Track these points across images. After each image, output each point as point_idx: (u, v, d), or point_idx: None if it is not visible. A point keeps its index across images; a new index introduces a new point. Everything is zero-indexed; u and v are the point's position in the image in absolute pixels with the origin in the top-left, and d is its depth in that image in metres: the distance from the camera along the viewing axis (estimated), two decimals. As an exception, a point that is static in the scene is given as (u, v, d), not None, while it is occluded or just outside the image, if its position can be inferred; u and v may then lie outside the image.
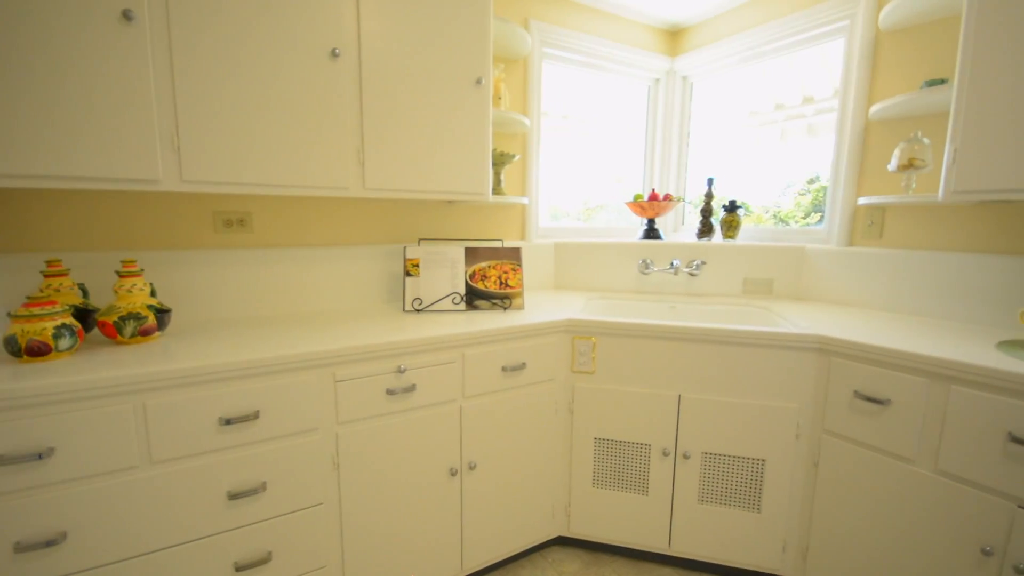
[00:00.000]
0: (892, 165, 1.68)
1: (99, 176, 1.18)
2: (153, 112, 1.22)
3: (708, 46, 2.48)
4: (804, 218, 2.37)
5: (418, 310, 1.75)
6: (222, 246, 1.65)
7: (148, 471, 1.08)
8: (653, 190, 2.43)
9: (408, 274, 1.77)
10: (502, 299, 1.82)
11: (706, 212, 2.38)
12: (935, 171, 1.66)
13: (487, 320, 1.61)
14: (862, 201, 1.77)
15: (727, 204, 2.30)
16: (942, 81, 1.57)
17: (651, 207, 2.36)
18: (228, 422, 1.14)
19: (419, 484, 1.45)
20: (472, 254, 1.84)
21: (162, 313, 1.30)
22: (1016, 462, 1.11)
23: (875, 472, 1.36)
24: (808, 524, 1.55)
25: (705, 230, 2.38)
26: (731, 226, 2.29)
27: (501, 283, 1.83)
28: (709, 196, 2.37)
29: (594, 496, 1.75)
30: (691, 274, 2.21)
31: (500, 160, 1.96)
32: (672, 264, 2.13)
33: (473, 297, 1.80)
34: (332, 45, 1.42)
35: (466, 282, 1.80)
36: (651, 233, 2.42)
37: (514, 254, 1.87)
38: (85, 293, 1.35)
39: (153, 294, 1.33)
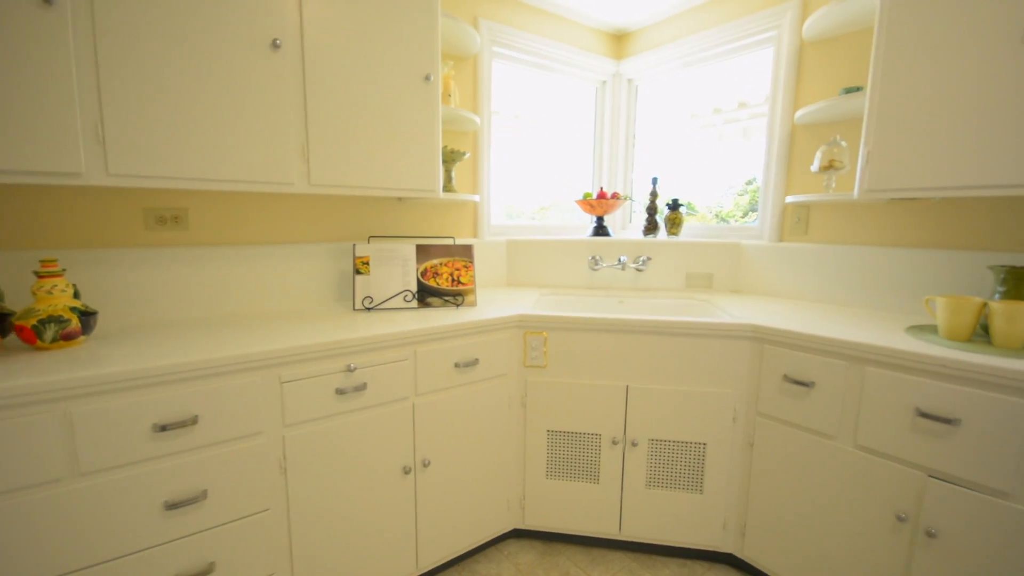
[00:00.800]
0: (815, 166, 1.82)
1: (13, 169, 1.09)
2: (75, 101, 1.14)
3: (651, 51, 2.59)
4: (743, 217, 2.52)
5: (369, 308, 1.72)
6: (155, 244, 1.56)
7: (74, 483, 1.01)
8: (601, 189, 2.50)
9: (358, 272, 1.74)
10: (454, 296, 1.82)
11: (651, 210, 2.48)
12: (852, 172, 1.82)
13: (439, 317, 1.61)
14: (789, 199, 1.90)
15: (670, 202, 2.41)
16: (858, 89, 1.71)
17: (599, 205, 2.43)
18: (163, 428, 1.08)
19: (372, 484, 1.44)
20: (424, 251, 1.83)
21: (87, 316, 1.22)
22: (924, 435, 1.23)
23: (802, 449, 1.48)
24: (745, 501, 1.66)
25: (651, 227, 2.47)
26: (674, 223, 2.39)
27: (453, 280, 1.83)
28: (654, 195, 2.47)
29: (548, 487, 1.79)
30: (638, 269, 2.29)
31: (451, 157, 1.97)
32: (620, 260, 2.20)
33: (425, 294, 1.79)
34: (273, 35, 1.38)
35: (418, 280, 1.80)
36: (600, 230, 2.50)
37: (466, 251, 1.88)
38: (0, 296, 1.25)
39: (77, 296, 1.24)
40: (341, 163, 1.55)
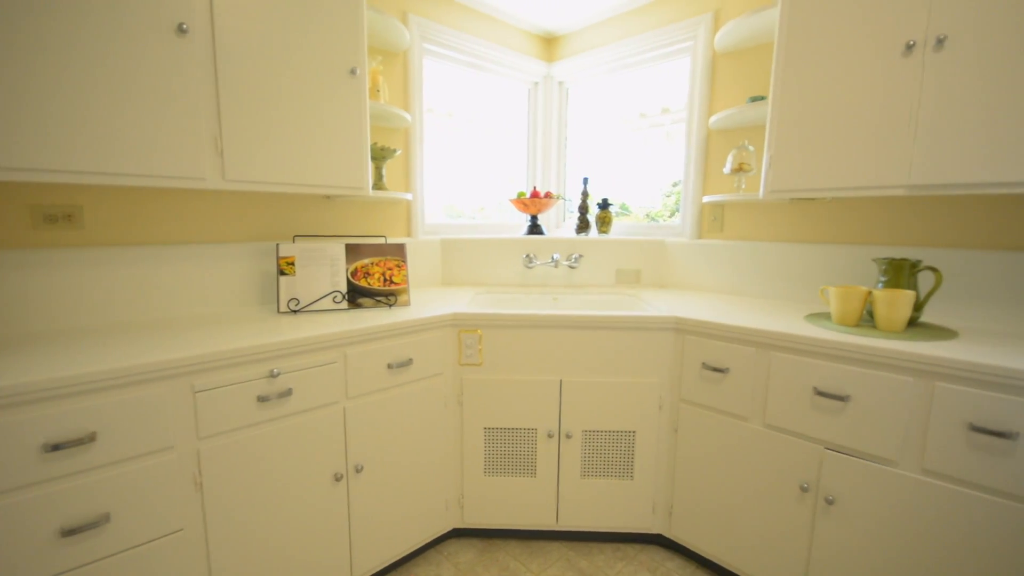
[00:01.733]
0: (727, 168, 1.96)
1: None
2: (-68, 81, 1.00)
3: (580, 55, 2.67)
4: (670, 217, 2.65)
5: (295, 311, 1.64)
6: (44, 245, 1.40)
7: (-61, 517, 0.89)
8: (535, 188, 2.55)
9: (282, 273, 1.65)
10: (387, 296, 1.78)
11: (583, 209, 2.56)
12: (758, 174, 1.97)
13: (371, 317, 1.57)
14: (706, 199, 2.04)
15: (601, 202, 2.50)
16: (762, 98, 1.86)
17: (533, 204, 2.47)
18: (56, 448, 0.98)
19: (300, 494, 1.37)
20: (354, 251, 1.78)
21: (-44, 326, 1.07)
22: (821, 411, 1.37)
23: (720, 431, 1.59)
24: (671, 484, 1.75)
25: (582, 226, 2.55)
26: (605, 222, 2.49)
27: (385, 280, 1.79)
28: (585, 195, 2.55)
29: (486, 484, 1.80)
30: (571, 267, 2.36)
31: (380, 154, 1.92)
32: (553, 258, 2.25)
33: (356, 295, 1.74)
34: (178, 19, 1.28)
35: (348, 280, 1.74)
36: (534, 229, 2.54)
37: (398, 250, 1.85)
38: None
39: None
40: (260, 158, 1.47)
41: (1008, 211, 1.50)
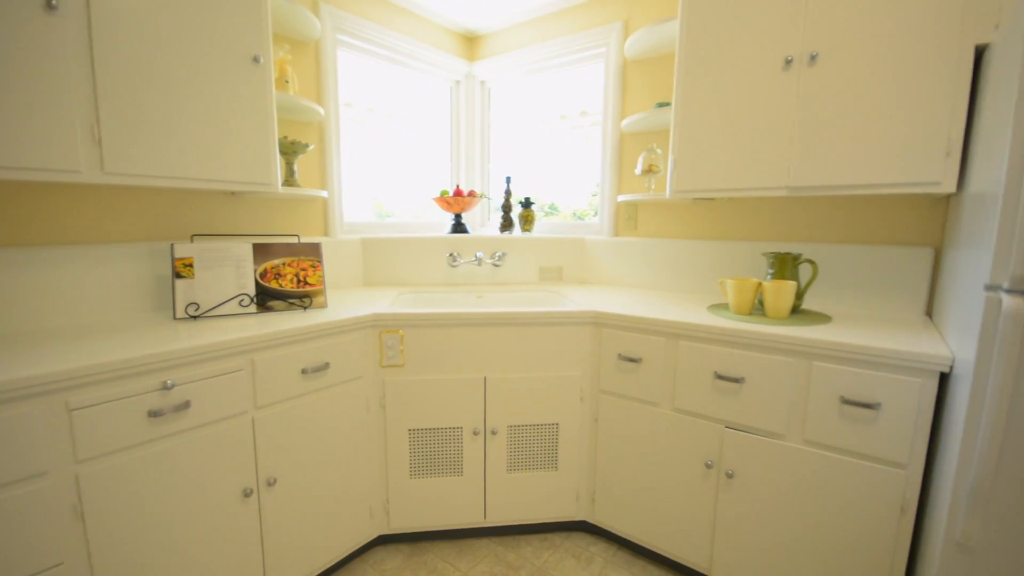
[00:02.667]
0: (638, 170, 2.08)
1: None
2: None
3: (500, 55, 2.70)
4: (595, 215, 2.75)
5: (195, 316, 1.52)
6: None
7: None
8: (458, 186, 2.54)
9: (179, 276, 1.52)
10: (301, 298, 1.69)
11: (506, 208, 2.59)
12: (665, 175, 2.11)
13: (283, 321, 1.48)
14: (621, 199, 2.14)
15: (523, 201, 2.54)
16: (668, 104, 1.99)
17: (456, 203, 2.46)
18: None
19: (203, 513, 1.27)
20: (263, 251, 1.67)
21: None
22: (720, 393, 1.49)
23: (635, 418, 1.68)
24: (594, 471, 1.83)
25: (506, 224, 2.58)
26: (527, 220, 2.53)
27: (299, 281, 1.70)
28: (508, 193, 2.58)
29: (413, 487, 1.77)
30: (495, 265, 2.38)
31: (291, 149, 1.82)
32: (476, 256, 2.26)
33: (266, 298, 1.64)
34: (41, -9, 1.13)
35: (256, 282, 1.63)
36: (458, 228, 2.53)
37: (313, 250, 1.76)
38: None
39: None
40: (148, 149, 1.34)
41: (872, 210, 1.72)
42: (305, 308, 1.68)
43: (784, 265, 1.64)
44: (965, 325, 1.08)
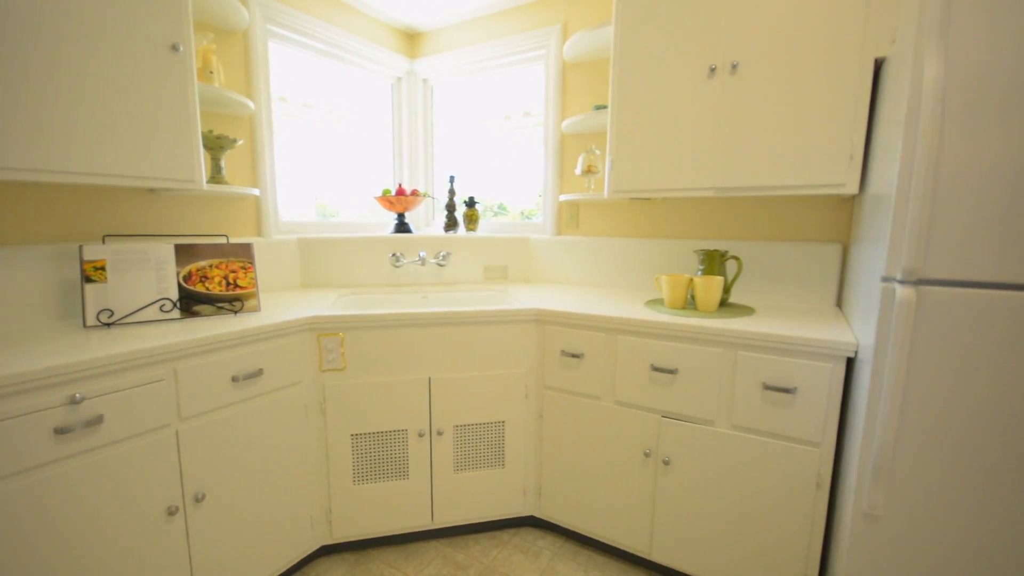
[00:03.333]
0: (578, 170, 2.13)
1: None
2: None
3: (443, 53, 2.67)
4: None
5: (108, 324, 1.40)
6: None
7: None
8: (400, 185, 2.49)
9: (89, 280, 1.39)
10: (231, 302, 1.60)
11: (450, 207, 2.57)
12: (604, 175, 2.17)
13: (210, 326, 1.40)
14: (562, 198, 2.19)
15: (467, 200, 2.54)
16: (605, 107, 2.05)
17: (399, 202, 2.42)
18: None
19: (121, 537, 1.17)
20: (187, 252, 1.57)
21: None
22: (657, 384, 1.55)
23: (579, 412, 1.72)
24: (540, 466, 1.85)
25: (450, 224, 2.57)
26: (471, 220, 2.53)
27: (228, 284, 1.61)
28: (452, 192, 2.57)
29: (357, 494, 1.72)
30: (439, 265, 2.36)
31: (216, 143, 1.72)
32: (420, 256, 2.23)
33: (191, 302, 1.54)
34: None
35: (180, 285, 1.53)
36: (402, 227, 2.49)
37: (244, 251, 1.67)
38: None
39: None
40: (52, 142, 1.22)
41: (790, 209, 1.85)
42: (236, 312, 1.59)
43: (713, 262, 1.74)
44: (867, 314, 1.19)
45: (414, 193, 2.46)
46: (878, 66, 1.43)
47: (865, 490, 1.12)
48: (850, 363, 1.33)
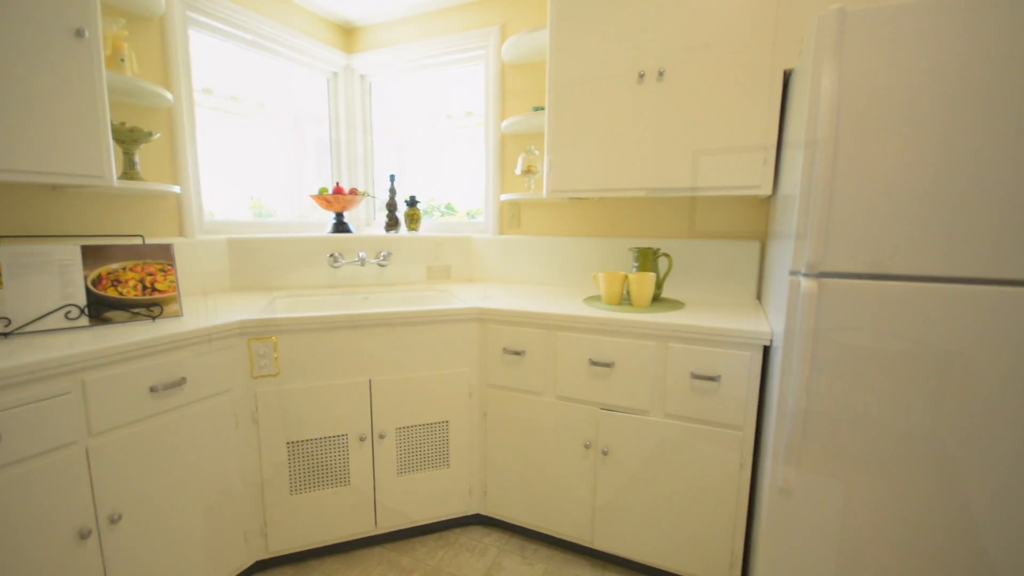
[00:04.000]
0: (518, 170, 2.16)
1: None
2: None
3: (381, 49, 2.62)
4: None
5: (5, 334, 1.27)
6: None
7: None
8: (338, 184, 2.42)
9: (-23, 286, 1.25)
10: (148, 307, 1.49)
11: (391, 207, 2.53)
12: (543, 176, 2.21)
13: (124, 334, 1.30)
14: (504, 198, 2.21)
15: (408, 199, 2.50)
16: (543, 108, 2.09)
17: (337, 201, 2.35)
18: None
19: (25, 563, 1.07)
20: (96, 254, 1.44)
21: None
22: (595, 378, 1.61)
23: (521, 408, 1.75)
24: (485, 464, 1.87)
25: (392, 223, 2.52)
26: (413, 219, 2.50)
27: (145, 288, 1.50)
28: (392, 192, 2.53)
29: (294, 504, 1.66)
30: (380, 265, 2.31)
31: (129, 137, 1.60)
32: (359, 256, 2.18)
33: (102, 308, 1.42)
34: None
35: (88, 290, 1.41)
36: (340, 227, 2.42)
37: (163, 252, 1.56)
38: None
39: None
40: (-76, 132, 1.09)
41: (715, 209, 1.97)
42: (154, 318, 1.49)
43: (646, 259, 1.82)
44: (779, 305, 1.29)
45: (352, 192, 2.39)
46: (788, 77, 1.55)
47: (780, 467, 1.22)
48: (767, 351, 1.44)
